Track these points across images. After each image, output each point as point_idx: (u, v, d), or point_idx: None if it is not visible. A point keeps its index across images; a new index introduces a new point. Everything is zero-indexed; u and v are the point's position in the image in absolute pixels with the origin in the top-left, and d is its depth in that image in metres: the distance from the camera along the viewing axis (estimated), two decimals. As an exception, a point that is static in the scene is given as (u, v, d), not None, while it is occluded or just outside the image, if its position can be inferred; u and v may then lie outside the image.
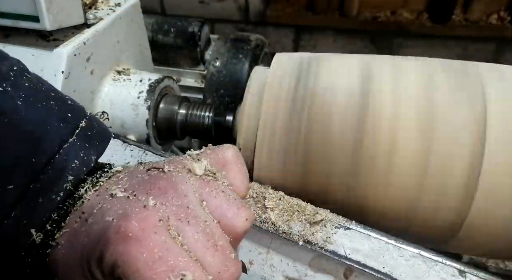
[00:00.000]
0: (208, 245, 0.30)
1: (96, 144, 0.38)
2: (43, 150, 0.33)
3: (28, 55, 0.56)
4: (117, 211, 0.31)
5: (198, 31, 0.92)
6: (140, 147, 0.56)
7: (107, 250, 0.29)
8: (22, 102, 0.33)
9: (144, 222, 0.29)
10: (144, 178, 0.34)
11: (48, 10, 0.52)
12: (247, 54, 0.89)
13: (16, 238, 0.32)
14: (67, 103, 0.38)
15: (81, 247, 0.32)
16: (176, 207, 0.31)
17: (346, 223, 0.44)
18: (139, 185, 0.33)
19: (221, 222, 0.33)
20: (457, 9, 1.92)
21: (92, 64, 0.62)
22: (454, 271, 0.40)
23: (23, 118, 0.33)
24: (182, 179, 0.33)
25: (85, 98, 0.62)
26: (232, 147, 0.38)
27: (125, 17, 0.70)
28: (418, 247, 0.42)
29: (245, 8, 2.12)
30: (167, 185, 0.33)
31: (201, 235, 0.31)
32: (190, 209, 0.32)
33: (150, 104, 0.65)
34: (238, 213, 0.33)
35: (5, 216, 0.31)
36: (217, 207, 0.33)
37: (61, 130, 0.35)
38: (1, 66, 0.34)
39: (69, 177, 0.35)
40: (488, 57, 2.02)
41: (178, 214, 0.31)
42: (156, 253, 0.28)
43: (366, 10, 2.00)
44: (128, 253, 0.28)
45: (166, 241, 0.29)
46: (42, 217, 0.33)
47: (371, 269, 0.41)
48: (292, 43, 2.19)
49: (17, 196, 0.32)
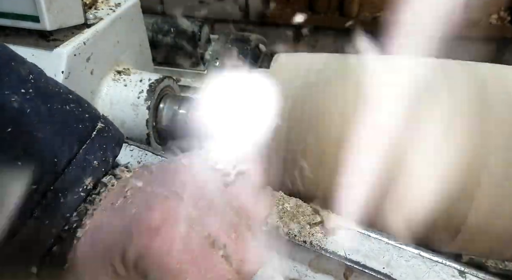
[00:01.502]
0: (229, 234, 0.31)
1: (112, 145, 0.39)
2: (63, 150, 0.34)
3: (28, 55, 0.56)
4: (138, 205, 0.32)
5: (198, 31, 0.92)
6: (140, 147, 0.57)
7: (130, 244, 0.30)
8: (42, 104, 0.34)
9: (166, 214, 0.30)
10: (164, 173, 0.35)
11: (48, 10, 0.52)
12: (247, 54, 0.89)
13: (38, 238, 0.33)
14: (83, 105, 0.39)
15: (102, 243, 0.32)
16: (197, 198, 0.32)
17: (346, 223, 0.44)
18: (159, 179, 0.34)
19: (240, 211, 0.34)
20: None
21: (92, 64, 0.62)
22: (454, 272, 0.40)
23: (44, 120, 0.33)
24: (201, 170, 0.34)
25: (85, 98, 0.61)
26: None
27: (125, 17, 0.70)
28: (418, 247, 0.42)
29: (245, 8, 2.12)
30: (186, 176, 0.33)
31: (222, 224, 0.31)
32: (210, 199, 0.32)
33: (150, 104, 0.65)
34: (256, 201, 0.34)
35: (28, 216, 0.31)
36: (236, 196, 0.34)
37: (80, 131, 0.36)
38: (20, 70, 0.35)
39: (88, 177, 0.35)
40: (488, 57, 2.02)
41: (198, 204, 0.32)
42: (180, 245, 0.29)
43: (366, 10, 2.01)
44: (151, 245, 0.29)
45: (187, 232, 0.30)
46: (63, 217, 0.33)
47: (371, 270, 0.41)
48: (292, 43, 2.19)
49: (39, 197, 0.32)
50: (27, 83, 0.34)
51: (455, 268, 0.40)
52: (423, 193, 0.46)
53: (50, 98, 0.35)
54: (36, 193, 0.32)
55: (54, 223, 0.33)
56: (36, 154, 0.32)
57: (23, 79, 0.34)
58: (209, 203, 0.32)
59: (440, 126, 0.45)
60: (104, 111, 0.65)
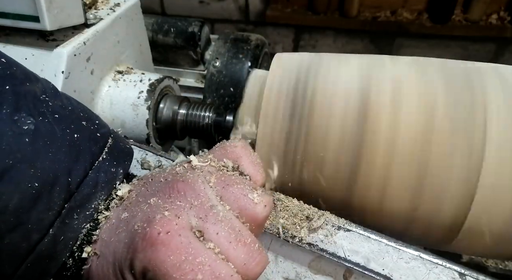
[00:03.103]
0: (231, 239, 0.32)
1: (123, 161, 0.40)
2: (77, 169, 0.35)
3: (28, 55, 0.56)
4: (142, 218, 0.33)
5: (198, 31, 0.92)
6: (140, 147, 0.56)
7: (136, 257, 0.31)
8: (56, 123, 0.35)
9: (168, 226, 0.31)
10: (162, 184, 0.35)
11: (48, 10, 0.52)
12: (247, 54, 0.89)
13: (54, 254, 0.34)
14: (95, 121, 0.40)
15: (112, 256, 0.33)
16: (197, 207, 0.33)
17: (346, 225, 0.44)
18: (159, 191, 0.35)
19: (241, 213, 0.34)
20: (457, 9, 1.92)
21: (92, 64, 0.62)
22: (454, 274, 0.40)
23: (58, 139, 0.34)
24: (198, 178, 0.35)
25: (85, 98, 0.61)
26: (240, 140, 0.40)
27: (125, 17, 0.69)
28: (418, 249, 0.42)
29: (245, 8, 2.12)
30: (185, 186, 0.34)
31: (223, 230, 0.32)
32: (209, 207, 0.33)
33: (150, 104, 0.65)
34: (256, 201, 0.35)
35: (44, 235, 0.33)
36: (235, 199, 0.34)
37: (92, 148, 0.37)
38: (35, 89, 0.35)
39: (101, 193, 0.36)
40: (488, 57, 2.02)
41: (199, 213, 0.32)
42: (183, 254, 0.30)
43: (366, 10, 2.01)
44: (156, 258, 0.30)
45: (190, 242, 0.30)
46: (77, 233, 0.35)
47: (370, 271, 0.41)
48: (292, 43, 2.19)
49: (54, 215, 0.33)
50: (42, 103, 0.35)
51: (455, 270, 0.40)
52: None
53: (64, 119, 0.36)
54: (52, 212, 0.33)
55: (69, 238, 0.34)
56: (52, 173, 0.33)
57: (38, 99, 0.35)
58: (208, 211, 0.33)
59: (440, 128, 0.45)
60: (104, 111, 0.65)
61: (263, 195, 0.35)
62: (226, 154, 0.39)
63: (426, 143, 0.44)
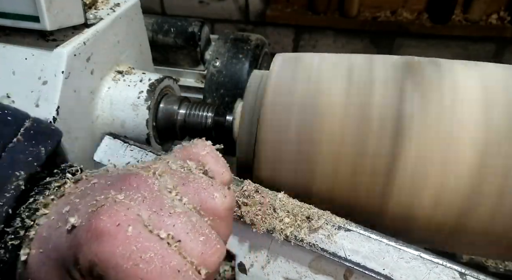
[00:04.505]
0: (187, 230, 0.30)
1: (45, 139, 0.39)
2: None
3: (28, 55, 0.56)
4: (86, 211, 0.30)
5: (198, 31, 0.92)
6: (140, 147, 0.56)
7: (80, 251, 0.29)
8: None
9: (115, 217, 0.29)
10: (114, 178, 0.34)
11: (48, 10, 0.52)
12: (247, 54, 0.89)
13: None
14: (6, 109, 0.40)
15: (54, 252, 0.32)
16: (150, 200, 0.31)
17: (346, 225, 0.44)
18: (110, 185, 0.33)
19: (202, 207, 0.33)
20: (457, 9, 1.92)
21: (92, 64, 0.61)
22: (455, 273, 0.40)
23: None
24: (153, 174, 0.33)
25: (85, 98, 0.61)
26: (201, 141, 0.39)
27: (125, 17, 0.69)
28: (418, 249, 0.42)
29: (245, 8, 2.12)
30: (138, 180, 0.32)
31: (179, 221, 0.30)
32: (164, 201, 0.31)
33: (150, 104, 0.65)
34: (215, 193, 0.33)
35: None
36: (194, 194, 0.33)
37: (3, 132, 0.37)
38: None
39: (20, 173, 0.35)
40: (488, 57, 2.02)
41: (152, 206, 0.31)
42: (132, 245, 0.28)
43: (366, 10, 2.00)
44: (103, 250, 0.28)
45: (140, 232, 0.29)
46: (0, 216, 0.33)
47: (371, 271, 0.41)
48: (292, 43, 2.19)
49: None
50: None
51: (456, 270, 0.40)
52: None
53: None
54: None
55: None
56: None
57: None
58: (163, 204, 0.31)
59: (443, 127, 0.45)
60: (104, 111, 0.65)
61: (223, 188, 0.34)
62: (188, 155, 0.37)
63: None
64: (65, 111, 0.55)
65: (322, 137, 0.47)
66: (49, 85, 0.55)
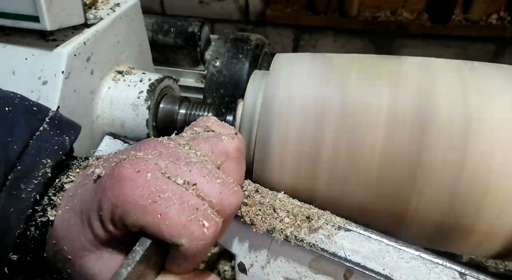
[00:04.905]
0: (203, 174, 0.32)
1: (68, 130, 0.41)
2: (14, 140, 0.35)
3: (28, 55, 0.56)
4: (111, 165, 0.33)
5: (198, 31, 0.92)
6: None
7: (104, 196, 0.30)
8: None
9: (136, 165, 0.31)
10: (133, 145, 0.36)
11: (48, 10, 0.52)
12: (247, 54, 0.89)
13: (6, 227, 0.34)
14: (30, 101, 0.40)
15: (79, 205, 0.33)
16: (166, 154, 0.33)
17: (346, 225, 0.44)
18: (131, 148, 0.35)
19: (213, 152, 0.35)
20: (457, 9, 1.92)
21: (92, 64, 0.62)
22: (455, 274, 0.40)
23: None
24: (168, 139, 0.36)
25: (85, 98, 0.61)
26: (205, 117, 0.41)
27: (125, 17, 0.70)
28: (418, 249, 0.42)
29: (245, 8, 2.12)
30: (155, 142, 0.34)
31: (194, 168, 0.32)
32: (180, 154, 0.33)
33: (150, 104, 0.65)
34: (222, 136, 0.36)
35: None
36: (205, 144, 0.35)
37: (29, 120, 0.38)
38: None
39: (47, 161, 0.36)
40: (488, 57, 2.02)
41: (170, 158, 0.32)
42: (152, 186, 0.30)
43: (366, 10, 2.01)
44: (124, 193, 0.30)
45: (158, 177, 0.30)
46: (28, 202, 0.35)
47: (371, 271, 0.41)
48: (292, 43, 2.19)
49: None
50: None
51: (456, 270, 0.40)
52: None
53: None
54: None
55: (20, 210, 0.34)
56: None
57: None
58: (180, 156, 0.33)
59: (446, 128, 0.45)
60: (104, 111, 0.65)
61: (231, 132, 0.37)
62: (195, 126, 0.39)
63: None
64: (65, 111, 0.56)
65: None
66: (49, 85, 0.55)
